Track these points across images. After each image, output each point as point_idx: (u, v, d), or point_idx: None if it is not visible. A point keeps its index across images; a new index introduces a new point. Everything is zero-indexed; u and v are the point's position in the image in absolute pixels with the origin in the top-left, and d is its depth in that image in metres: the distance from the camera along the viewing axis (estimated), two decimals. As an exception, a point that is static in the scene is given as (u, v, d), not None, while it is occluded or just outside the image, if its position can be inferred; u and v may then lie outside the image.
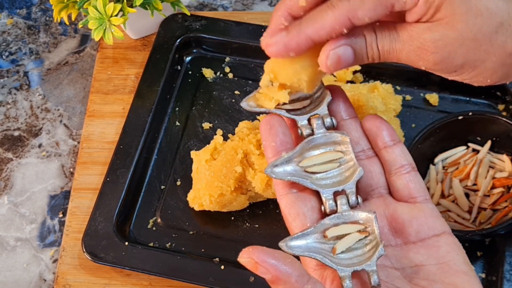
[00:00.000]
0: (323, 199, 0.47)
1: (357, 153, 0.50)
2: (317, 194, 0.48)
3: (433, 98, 0.77)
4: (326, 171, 0.48)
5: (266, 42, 0.48)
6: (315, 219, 0.47)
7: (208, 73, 0.83)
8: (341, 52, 0.47)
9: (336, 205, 0.47)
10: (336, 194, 0.48)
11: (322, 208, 0.48)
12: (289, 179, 0.47)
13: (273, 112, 0.49)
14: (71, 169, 0.80)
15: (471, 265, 0.47)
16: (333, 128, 0.49)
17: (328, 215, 0.47)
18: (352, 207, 0.47)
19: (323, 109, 0.49)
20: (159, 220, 0.73)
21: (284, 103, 0.49)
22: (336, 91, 0.51)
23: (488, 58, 0.46)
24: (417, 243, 0.47)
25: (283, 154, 0.48)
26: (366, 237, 0.46)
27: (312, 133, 0.49)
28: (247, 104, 0.50)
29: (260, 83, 0.49)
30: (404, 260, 0.47)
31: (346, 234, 0.46)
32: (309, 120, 0.49)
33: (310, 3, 0.47)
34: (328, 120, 0.49)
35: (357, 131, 0.51)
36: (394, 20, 0.48)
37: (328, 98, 0.49)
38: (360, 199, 0.48)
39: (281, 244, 0.45)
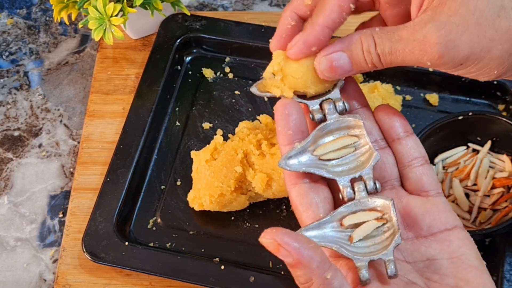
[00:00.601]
0: (340, 187, 0.46)
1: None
2: (330, 183, 0.47)
3: (433, 98, 0.77)
4: (341, 157, 0.47)
5: (274, 43, 0.48)
6: (327, 209, 0.46)
7: (208, 73, 0.83)
8: (335, 57, 0.46)
9: (354, 192, 0.46)
10: (353, 180, 0.46)
11: (340, 196, 0.47)
12: (304, 170, 0.46)
13: (282, 97, 0.48)
14: (71, 169, 0.80)
15: (483, 260, 0.47)
16: (346, 112, 0.48)
17: (345, 202, 0.46)
18: (371, 193, 0.46)
19: (335, 93, 0.48)
20: (159, 220, 0.73)
21: None
22: (348, 79, 0.50)
23: (494, 46, 0.44)
24: (429, 237, 0.47)
25: (296, 144, 0.46)
26: (383, 224, 0.45)
27: (324, 118, 0.48)
28: (255, 88, 0.49)
29: (263, 74, 0.49)
30: (416, 254, 0.47)
31: (363, 222, 0.45)
32: (320, 104, 0.48)
33: (315, 1, 0.47)
34: (340, 104, 0.48)
35: (369, 120, 0.50)
36: (396, 22, 0.48)
37: (341, 82, 0.48)
38: (378, 184, 0.46)
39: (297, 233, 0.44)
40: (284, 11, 0.49)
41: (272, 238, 0.40)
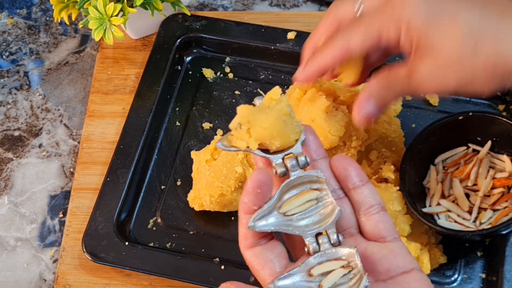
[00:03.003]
0: (307, 242, 0.48)
1: None
2: (286, 236, 0.50)
3: (433, 98, 0.77)
4: (304, 211, 0.49)
5: (294, 76, 0.61)
6: (283, 264, 0.48)
7: (208, 73, 0.83)
8: (364, 108, 0.58)
9: (319, 245, 0.48)
10: (317, 235, 0.48)
11: (306, 249, 0.48)
12: (272, 229, 0.47)
13: (246, 151, 0.49)
14: (71, 169, 0.80)
15: None
16: (307, 165, 0.49)
17: (311, 255, 0.48)
18: (334, 245, 0.48)
19: (297, 148, 0.49)
20: (159, 220, 0.73)
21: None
22: (308, 130, 0.52)
23: (476, 75, 0.52)
24: (388, 280, 0.48)
25: (264, 205, 0.48)
26: (350, 271, 0.47)
27: (286, 172, 0.49)
28: (221, 144, 0.50)
29: (230, 126, 0.49)
30: None
31: (330, 271, 0.47)
32: (283, 159, 0.49)
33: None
34: (302, 159, 0.49)
35: (328, 171, 0.52)
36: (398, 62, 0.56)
37: (303, 137, 0.50)
38: (341, 237, 0.48)
39: (269, 285, 0.46)
40: (304, 47, 0.62)
41: None
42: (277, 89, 0.50)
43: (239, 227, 0.49)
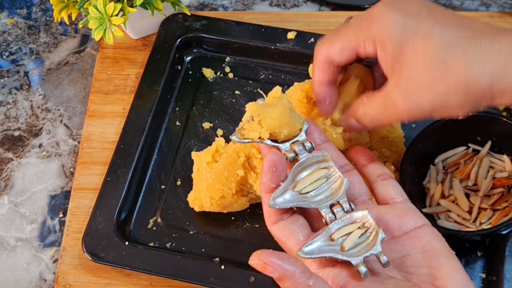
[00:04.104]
0: (323, 213, 0.54)
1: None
2: (305, 211, 0.56)
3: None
4: (317, 188, 0.55)
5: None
6: (306, 234, 0.53)
7: (208, 73, 0.83)
8: (347, 120, 0.61)
9: (334, 215, 0.54)
10: (331, 206, 0.54)
11: (323, 220, 0.54)
12: (291, 205, 0.53)
13: (258, 142, 0.56)
14: (72, 169, 0.80)
15: (452, 251, 0.53)
16: (313, 149, 0.56)
17: (329, 224, 0.53)
18: (347, 213, 0.54)
19: (302, 136, 0.57)
20: (159, 220, 0.73)
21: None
22: (308, 121, 0.59)
23: (449, 98, 0.52)
24: (402, 236, 0.54)
25: (281, 185, 0.54)
26: (366, 231, 0.53)
27: (296, 157, 0.56)
28: (235, 137, 0.57)
29: (243, 119, 0.58)
30: (392, 253, 0.53)
31: (349, 233, 0.53)
32: (290, 146, 0.56)
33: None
34: (308, 144, 0.56)
35: (333, 151, 0.59)
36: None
37: (305, 126, 0.58)
38: (352, 205, 0.54)
39: (298, 253, 0.51)
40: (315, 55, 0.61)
41: (258, 259, 0.48)
42: (277, 89, 0.60)
43: (262, 205, 0.55)
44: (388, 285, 0.51)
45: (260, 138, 0.56)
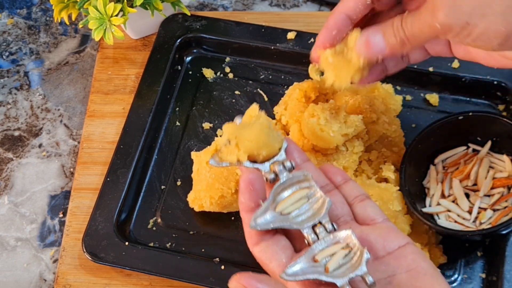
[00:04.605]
0: (305, 234, 0.52)
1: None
2: (288, 233, 0.53)
3: (433, 98, 0.77)
4: (299, 208, 0.53)
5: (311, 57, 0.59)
6: (289, 255, 0.51)
7: (208, 73, 0.83)
8: (371, 34, 0.55)
9: (317, 235, 0.52)
10: (313, 226, 0.52)
11: (305, 241, 0.52)
12: (272, 227, 0.51)
13: (237, 165, 0.54)
14: (71, 169, 0.80)
15: (437, 269, 0.52)
16: (293, 169, 0.54)
17: (311, 246, 0.52)
18: (330, 233, 0.52)
19: (281, 155, 0.55)
20: (159, 220, 0.73)
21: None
22: (288, 140, 0.57)
23: (494, 1, 0.48)
24: (386, 256, 0.52)
25: (261, 206, 0.52)
26: (350, 251, 0.51)
27: (276, 177, 0.54)
28: (213, 161, 0.55)
29: (219, 143, 0.55)
30: (378, 273, 0.51)
31: (333, 254, 0.51)
32: (270, 166, 0.54)
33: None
34: (288, 164, 0.54)
35: (314, 171, 0.57)
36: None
37: (285, 144, 0.55)
38: (335, 225, 0.52)
39: (281, 275, 0.49)
40: (332, 12, 0.57)
41: (238, 282, 0.47)
42: (254, 106, 0.56)
43: (243, 226, 0.53)
44: None
45: (238, 161, 0.54)
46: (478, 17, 0.48)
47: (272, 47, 0.82)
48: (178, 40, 0.83)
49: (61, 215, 0.77)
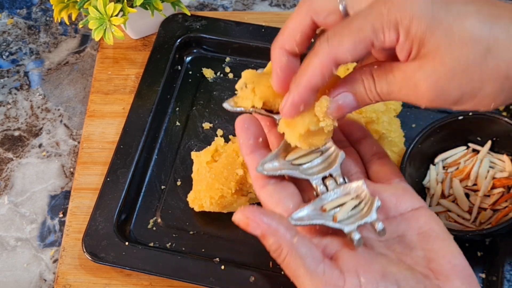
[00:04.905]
0: (314, 185, 0.50)
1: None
2: (297, 185, 0.52)
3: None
4: (311, 161, 0.51)
5: (276, 84, 0.51)
6: (296, 203, 0.50)
7: (208, 73, 0.83)
8: (341, 98, 0.49)
9: (327, 187, 0.50)
10: (324, 178, 0.51)
11: (314, 193, 0.50)
12: (279, 173, 0.50)
13: (251, 111, 0.52)
14: (71, 169, 0.80)
15: (450, 234, 0.50)
16: None
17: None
18: (340, 185, 0.51)
19: None
20: (159, 220, 0.73)
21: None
22: None
23: (484, 85, 0.45)
24: (397, 217, 0.50)
25: (272, 152, 0.51)
26: (360, 202, 0.49)
27: None
28: (228, 104, 0.53)
29: (236, 86, 0.53)
30: (387, 232, 0.49)
31: (342, 204, 0.49)
32: None
33: (302, 37, 0.50)
34: None
35: None
36: (391, 59, 0.48)
37: None
38: (346, 179, 0.51)
39: (288, 219, 0.48)
40: (272, 48, 0.51)
41: (242, 214, 0.46)
42: None
43: (249, 171, 0.52)
44: (382, 260, 0.48)
45: (253, 107, 0.52)
46: (467, 100, 0.46)
47: (272, 47, 0.82)
48: (178, 40, 0.83)
49: (61, 215, 0.77)
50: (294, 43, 0.50)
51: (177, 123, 0.80)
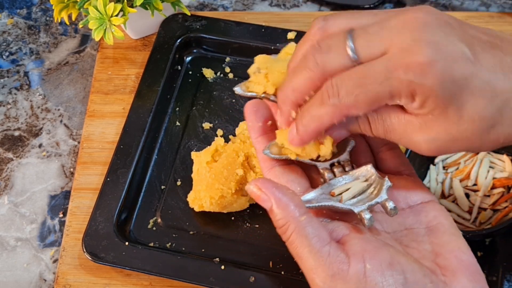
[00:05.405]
0: (321, 171, 0.50)
1: None
2: (303, 167, 0.51)
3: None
4: None
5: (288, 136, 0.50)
6: (304, 187, 0.50)
7: (208, 73, 0.83)
8: (335, 135, 0.49)
9: (334, 174, 0.50)
10: (332, 165, 0.50)
11: (321, 179, 0.50)
12: (285, 157, 0.49)
13: (263, 97, 0.52)
14: (71, 169, 0.80)
15: (458, 230, 0.50)
16: None
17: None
18: (349, 172, 0.50)
19: None
20: (159, 220, 0.73)
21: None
22: None
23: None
24: (406, 209, 0.50)
25: (269, 122, 0.51)
26: (369, 186, 0.49)
27: None
28: (239, 88, 0.53)
29: (248, 70, 0.53)
30: (395, 224, 0.49)
31: (350, 189, 0.49)
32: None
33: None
34: None
35: None
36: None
37: None
38: (355, 167, 0.50)
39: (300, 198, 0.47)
40: (282, 103, 0.49)
41: (254, 185, 0.46)
42: (292, 45, 0.54)
43: (257, 154, 0.52)
44: (390, 249, 0.46)
45: (265, 93, 0.51)
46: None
47: (272, 47, 0.82)
48: (178, 40, 0.83)
49: (61, 215, 0.77)
50: (305, 98, 0.49)
51: (177, 123, 0.80)
